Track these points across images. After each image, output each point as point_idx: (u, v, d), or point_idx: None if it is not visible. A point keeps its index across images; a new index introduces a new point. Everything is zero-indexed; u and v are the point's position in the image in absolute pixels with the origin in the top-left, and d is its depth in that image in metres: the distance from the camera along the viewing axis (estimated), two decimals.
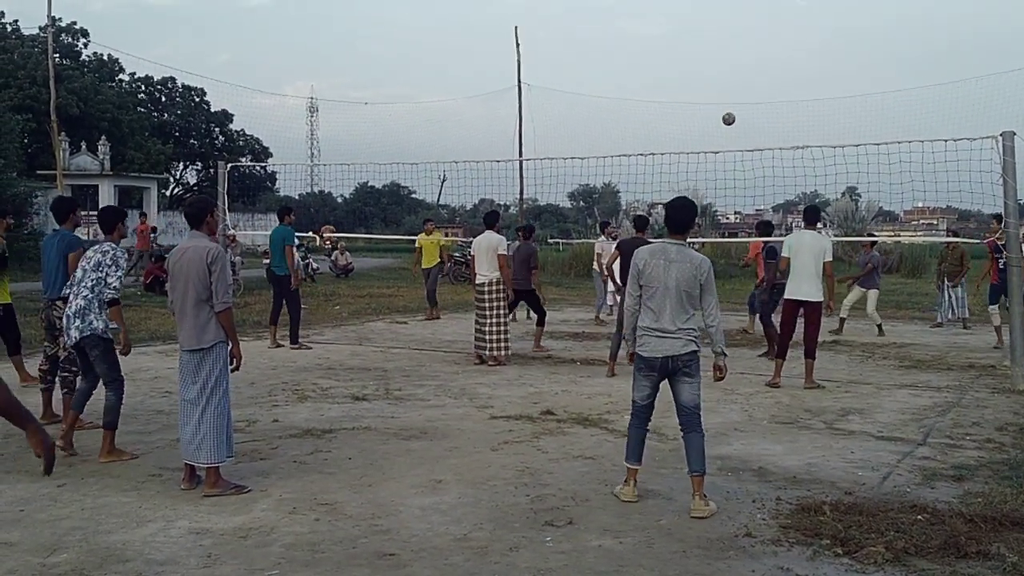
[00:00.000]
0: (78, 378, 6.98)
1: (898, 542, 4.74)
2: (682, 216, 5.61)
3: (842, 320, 14.58)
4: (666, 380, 5.57)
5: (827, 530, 4.96)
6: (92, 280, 6.46)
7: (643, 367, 5.56)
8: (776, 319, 11.86)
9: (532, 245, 13.14)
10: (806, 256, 9.46)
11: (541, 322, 12.77)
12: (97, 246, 6.64)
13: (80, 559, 4.57)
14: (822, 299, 9.57)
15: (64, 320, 6.59)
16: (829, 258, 9.50)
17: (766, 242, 12.51)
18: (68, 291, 6.74)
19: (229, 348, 5.85)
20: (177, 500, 5.54)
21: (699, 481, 5.37)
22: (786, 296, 9.68)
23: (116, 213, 6.92)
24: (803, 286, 9.48)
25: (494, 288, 11.26)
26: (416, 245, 17.61)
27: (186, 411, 5.78)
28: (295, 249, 12.98)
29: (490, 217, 11.85)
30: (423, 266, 17.16)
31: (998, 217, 12.56)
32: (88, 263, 6.55)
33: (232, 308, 5.90)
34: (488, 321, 11.25)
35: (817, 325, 9.62)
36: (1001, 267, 12.42)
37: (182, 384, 5.84)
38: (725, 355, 5.64)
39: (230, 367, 5.87)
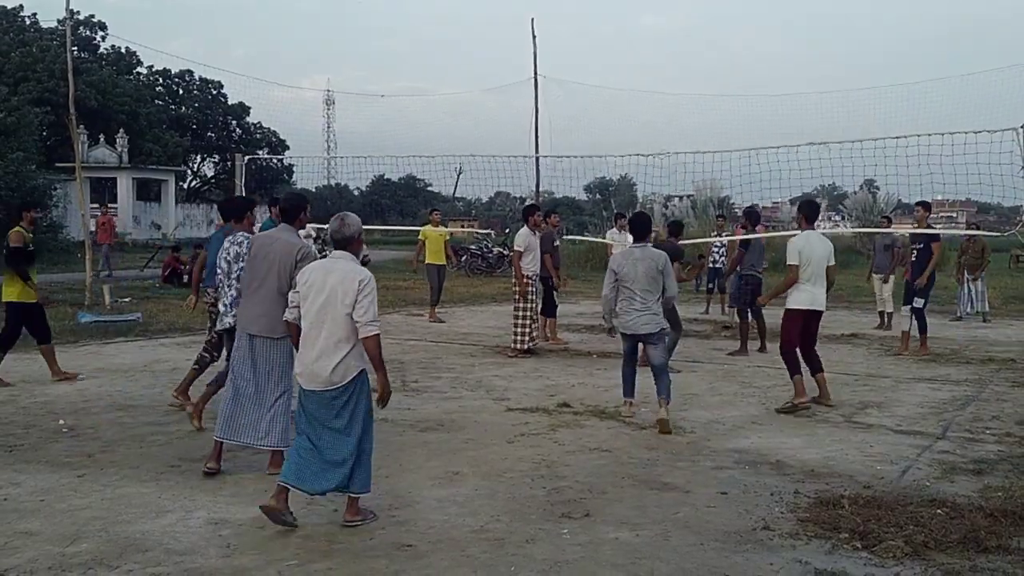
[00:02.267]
0: (212, 364, 7.70)
1: (917, 536, 4.72)
2: (643, 226, 7.80)
3: (885, 315, 14.28)
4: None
5: (846, 524, 4.94)
6: (236, 271, 6.63)
7: (623, 335, 7.75)
8: (765, 322, 11.34)
9: (550, 230, 12.70)
10: (820, 264, 8.29)
11: (551, 313, 12.54)
12: (231, 237, 6.77)
13: (100, 549, 4.60)
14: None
15: (221, 308, 6.90)
16: (833, 262, 8.44)
17: (744, 237, 11.90)
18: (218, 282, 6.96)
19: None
20: (196, 491, 5.57)
21: (664, 400, 7.24)
22: (801, 306, 8.26)
23: (245, 202, 7.14)
24: (819, 295, 8.28)
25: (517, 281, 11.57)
26: (420, 237, 15.90)
27: (246, 395, 5.84)
28: (310, 240, 12.99)
29: (524, 211, 12.15)
30: (429, 262, 15.35)
31: (925, 204, 12.14)
32: (228, 255, 6.70)
33: None
34: (514, 312, 11.47)
35: (816, 333, 8.74)
36: (914, 259, 11.32)
37: (239, 367, 5.88)
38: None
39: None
